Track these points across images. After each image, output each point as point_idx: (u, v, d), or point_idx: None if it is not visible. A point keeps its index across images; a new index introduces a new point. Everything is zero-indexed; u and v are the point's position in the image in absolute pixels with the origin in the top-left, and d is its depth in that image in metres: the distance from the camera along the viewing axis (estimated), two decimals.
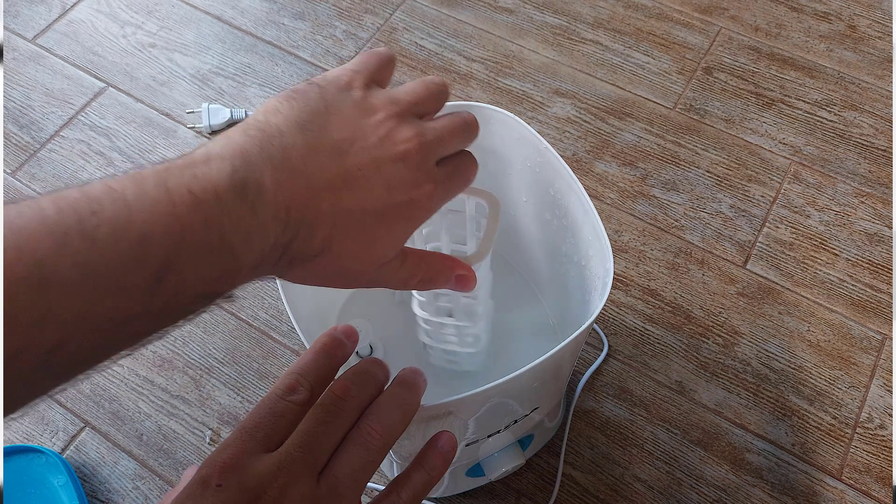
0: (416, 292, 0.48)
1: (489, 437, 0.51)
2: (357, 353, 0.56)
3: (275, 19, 0.93)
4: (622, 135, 0.83)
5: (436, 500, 0.63)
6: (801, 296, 0.73)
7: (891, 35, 0.91)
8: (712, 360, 0.69)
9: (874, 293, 0.73)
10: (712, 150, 0.82)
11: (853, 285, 0.73)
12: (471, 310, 0.48)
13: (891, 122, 0.84)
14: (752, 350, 0.70)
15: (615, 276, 0.44)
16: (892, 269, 0.74)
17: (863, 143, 0.82)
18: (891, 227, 0.77)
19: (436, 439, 0.35)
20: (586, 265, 0.50)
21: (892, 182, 0.79)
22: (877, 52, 0.89)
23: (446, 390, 0.41)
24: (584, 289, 0.50)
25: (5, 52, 0.90)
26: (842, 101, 0.85)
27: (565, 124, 0.84)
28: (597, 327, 0.71)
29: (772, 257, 0.75)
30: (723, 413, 0.67)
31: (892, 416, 0.67)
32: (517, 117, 0.49)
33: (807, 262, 0.74)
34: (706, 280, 0.73)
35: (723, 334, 0.71)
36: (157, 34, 0.93)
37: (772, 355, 0.69)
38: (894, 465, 0.64)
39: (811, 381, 0.68)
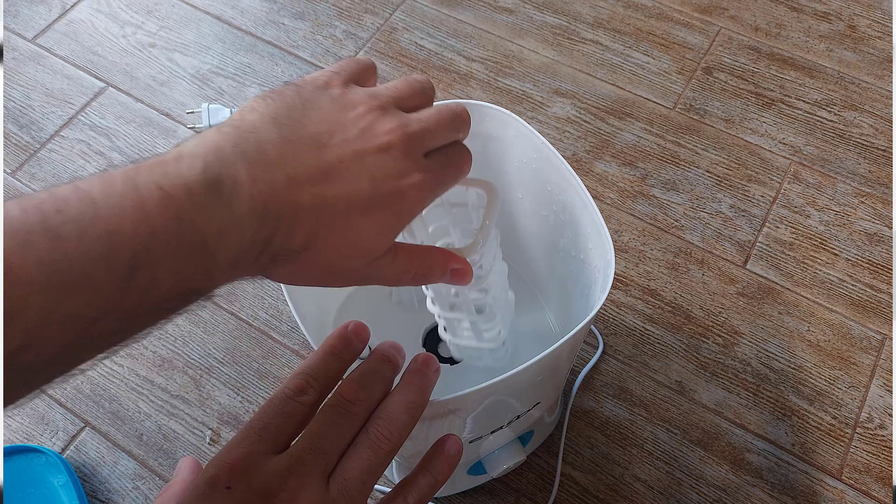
0: (425, 288, 0.47)
1: (492, 433, 0.51)
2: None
3: (275, 19, 0.93)
4: (622, 135, 0.83)
5: (435, 499, 0.63)
6: (801, 296, 0.73)
7: (891, 35, 0.91)
8: (712, 360, 0.69)
9: (874, 293, 0.73)
10: (712, 150, 0.82)
11: (853, 285, 0.73)
12: (483, 304, 0.47)
13: (891, 122, 0.84)
14: (752, 350, 0.70)
15: (615, 275, 0.43)
16: (892, 269, 0.74)
17: (863, 143, 0.82)
18: (891, 227, 0.77)
19: (442, 443, 0.35)
20: (585, 259, 0.49)
21: (892, 182, 0.79)
22: (877, 52, 0.89)
23: (446, 387, 0.41)
24: (584, 283, 0.50)
25: (5, 52, 0.90)
26: (842, 101, 0.85)
27: (565, 124, 0.84)
28: (592, 327, 0.71)
29: (772, 257, 0.75)
30: (723, 413, 0.67)
31: (892, 416, 0.66)
32: (513, 114, 0.49)
33: (807, 262, 0.74)
34: (706, 280, 0.73)
35: (723, 334, 0.71)
36: (157, 34, 0.93)
37: (772, 355, 0.69)
38: (894, 465, 0.64)
39: (811, 381, 0.68)
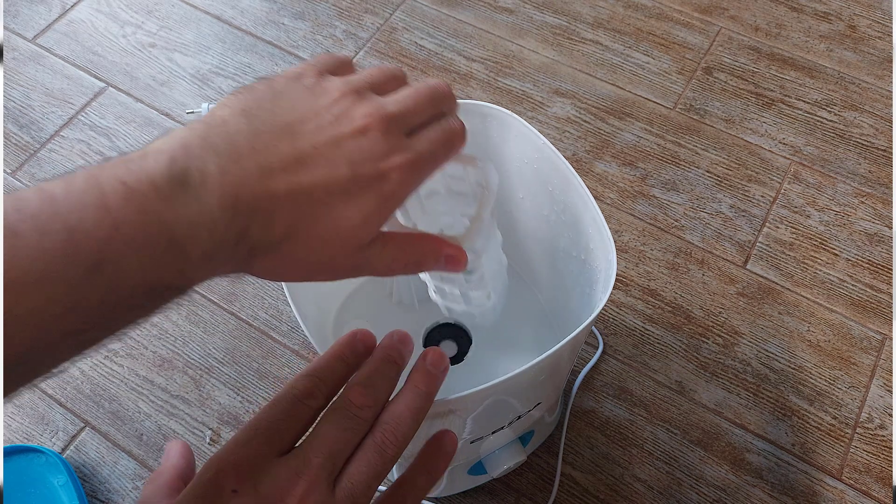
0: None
1: (492, 433, 0.51)
2: None
3: (275, 19, 0.93)
4: (622, 135, 0.83)
5: (435, 499, 0.63)
6: (801, 296, 0.73)
7: (891, 35, 0.91)
8: (712, 360, 0.69)
9: (874, 293, 0.73)
10: (712, 150, 0.82)
11: (853, 285, 0.73)
12: (475, 275, 0.45)
13: (891, 122, 0.84)
14: (752, 350, 0.70)
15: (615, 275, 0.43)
16: (892, 269, 0.74)
17: (863, 143, 0.82)
18: (891, 227, 0.77)
19: (438, 440, 0.34)
20: (586, 259, 0.49)
21: (892, 182, 0.79)
22: (877, 52, 0.89)
23: (446, 387, 0.41)
24: (585, 284, 0.50)
25: (5, 52, 0.90)
26: (842, 101, 0.85)
27: (565, 124, 0.84)
28: (593, 327, 0.71)
29: (772, 257, 0.75)
30: (723, 413, 0.67)
31: (892, 416, 0.66)
32: (514, 114, 0.49)
33: (807, 262, 0.74)
34: (706, 280, 0.73)
35: (723, 334, 0.71)
36: (157, 34, 0.93)
37: (772, 355, 0.69)
38: (894, 465, 0.64)
39: (811, 381, 0.68)
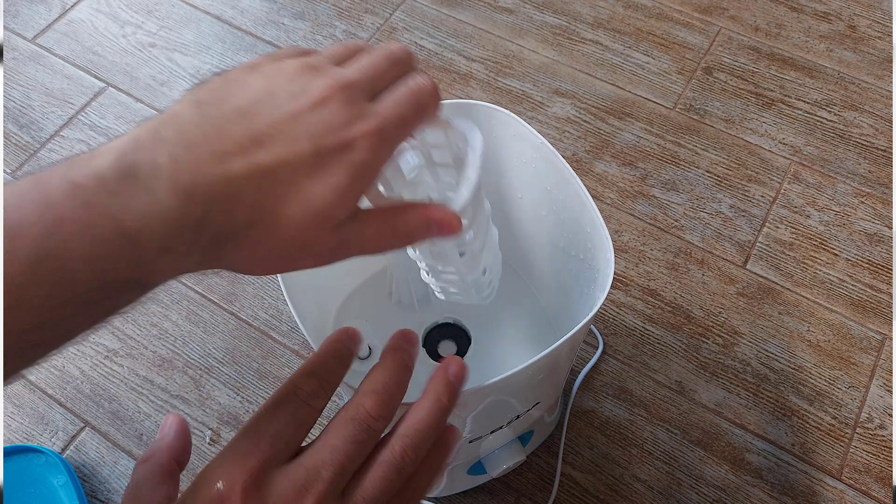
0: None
1: (491, 433, 0.51)
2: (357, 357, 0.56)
3: (275, 19, 0.93)
4: (622, 135, 0.83)
5: (435, 499, 0.63)
6: (801, 296, 0.73)
7: (891, 35, 0.91)
8: (712, 360, 0.69)
9: (874, 293, 0.73)
10: (712, 150, 0.82)
11: (853, 285, 0.73)
12: (466, 248, 0.41)
13: (891, 122, 0.84)
14: (751, 350, 0.70)
15: (615, 275, 0.43)
16: (892, 269, 0.74)
17: (863, 143, 0.82)
18: (891, 227, 0.76)
19: (442, 435, 0.32)
20: (585, 258, 0.50)
21: (892, 182, 0.79)
22: (877, 52, 0.89)
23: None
24: (583, 283, 0.50)
25: (5, 52, 0.90)
26: (842, 101, 0.85)
27: (565, 124, 0.84)
28: (592, 326, 0.71)
29: (772, 257, 0.75)
30: (723, 413, 0.67)
31: (892, 416, 0.66)
32: (512, 114, 0.49)
33: (807, 262, 0.74)
34: (706, 280, 0.73)
35: (723, 334, 0.71)
36: (157, 34, 0.93)
37: (772, 355, 0.69)
38: (894, 465, 0.64)
39: (811, 381, 0.68)
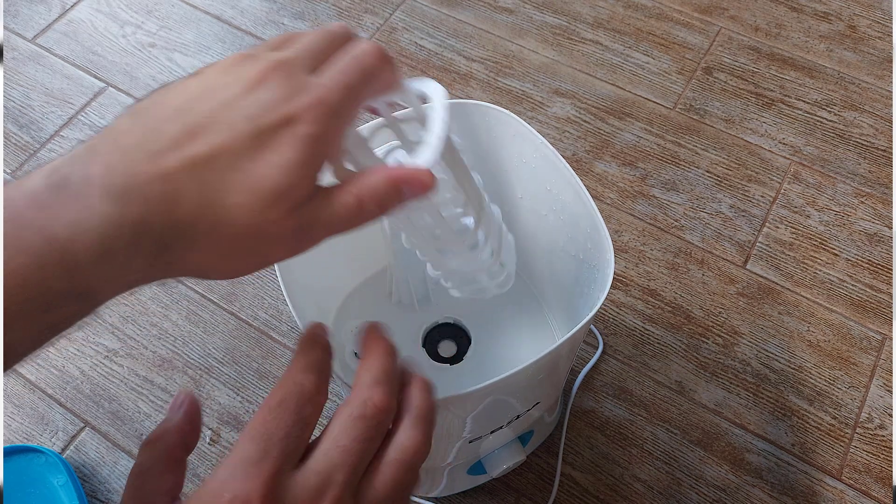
0: (403, 238, 0.38)
1: (491, 433, 0.51)
2: (356, 355, 0.56)
3: (275, 19, 0.93)
4: (622, 135, 0.83)
5: (435, 499, 0.63)
6: (801, 296, 0.73)
7: (891, 35, 0.91)
8: (712, 360, 0.69)
9: (874, 293, 0.73)
10: (712, 150, 0.82)
11: (853, 285, 0.73)
12: (466, 227, 0.37)
13: (891, 122, 0.84)
14: (751, 350, 0.70)
15: (615, 276, 0.43)
16: (892, 269, 0.74)
17: (863, 143, 0.82)
18: (891, 227, 0.76)
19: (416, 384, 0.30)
20: (584, 258, 0.50)
21: (892, 182, 0.79)
22: (877, 52, 0.89)
23: (446, 387, 0.41)
24: (583, 283, 0.50)
25: (5, 52, 0.90)
26: (842, 101, 0.85)
27: (565, 124, 0.84)
28: (592, 326, 0.71)
29: (772, 257, 0.75)
30: (723, 413, 0.67)
31: (891, 416, 0.66)
32: (512, 114, 0.49)
33: (807, 262, 0.74)
34: (706, 280, 0.73)
35: (723, 334, 0.71)
36: (157, 34, 0.93)
37: (772, 355, 0.69)
38: (894, 465, 0.64)
39: (811, 381, 0.68)
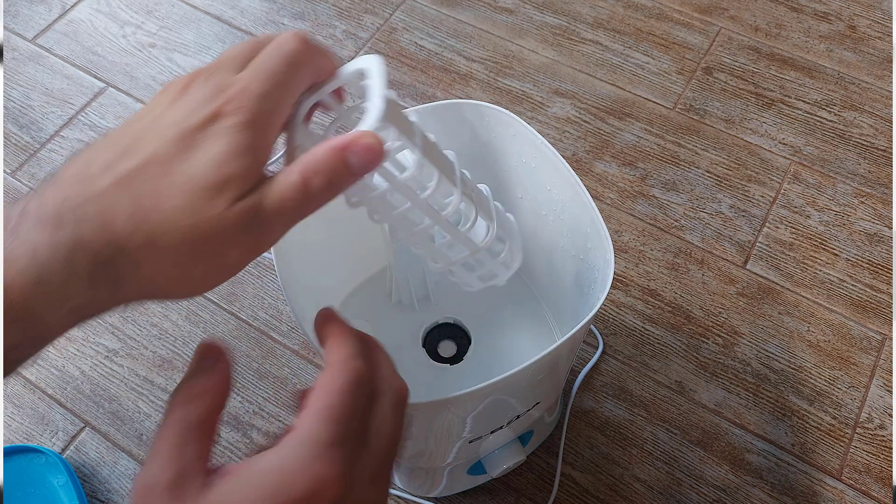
0: (389, 231, 0.36)
1: (491, 433, 0.51)
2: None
3: (275, 19, 0.93)
4: (622, 135, 0.83)
5: (435, 499, 0.63)
6: (801, 296, 0.73)
7: (891, 35, 0.91)
8: (712, 360, 0.69)
9: (874, 293, 0.73)
10: (712, 150, 0.82)
11: (853, 285, 0.73)
12: (459, 212, 0.35)
13: (891, 122, 0.84)
14: (751, 350, 0.70)
15: (615, 276, 0.43)
16: (892, 269, 0.74)
17: (863, 143, 0.82)
18: (891, 227, 0.76)
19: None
20: (584, 258, 0.50)
21: (892, 182, 0.79)
22: (877, 52, 0.89)
23: (446, 387, 0.41)
24: (583, 283, 0.51)
25: (5, 52, 0.91)
26: (842, 101, 0.85)
27: (565, 124, 0.84)
28: (592, 326, 0.71)
29: (772, 257, 0.75)
30: (723, 413, 0.67)
31: (892, 416, 0.66)
32: (512, 114, 0.49)
33: (807, 262, 0.74)
34: (706, 280, 0.73)
35: (723, 334, 0.71)
36: (157, 34, 0.93)
37: (772, 355, 0.69)
38: (894, 465, 0.64)
39: (811, 381, 0.68)
